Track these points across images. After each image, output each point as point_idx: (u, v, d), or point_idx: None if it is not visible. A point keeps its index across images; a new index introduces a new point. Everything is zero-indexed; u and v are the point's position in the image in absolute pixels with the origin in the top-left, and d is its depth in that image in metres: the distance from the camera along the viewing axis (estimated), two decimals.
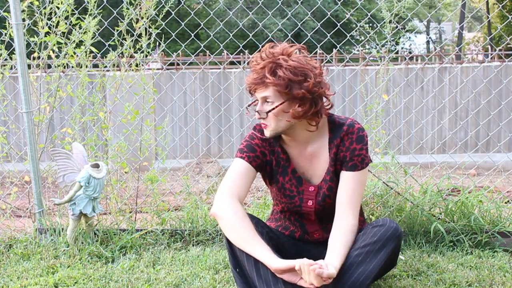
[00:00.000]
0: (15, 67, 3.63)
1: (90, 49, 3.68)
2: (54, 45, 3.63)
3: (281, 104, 2.28)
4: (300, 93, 2.24)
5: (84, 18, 3.64)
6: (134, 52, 3.71)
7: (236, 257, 2.28)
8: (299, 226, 2.54)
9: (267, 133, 2.37)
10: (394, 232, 2.24)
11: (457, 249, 3.10)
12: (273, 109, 2.29)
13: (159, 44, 3.79)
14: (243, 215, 2.26)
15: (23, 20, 3.41)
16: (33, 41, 3.62)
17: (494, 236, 3.14)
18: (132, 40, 3.66)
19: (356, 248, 2.23)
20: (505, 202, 3.64)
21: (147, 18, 3.62)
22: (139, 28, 3.62)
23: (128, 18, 3.62)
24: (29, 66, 3.62)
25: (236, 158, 2.43)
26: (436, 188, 3.42)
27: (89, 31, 3.61)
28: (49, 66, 3.90)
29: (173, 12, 3.73)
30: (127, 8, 3.59)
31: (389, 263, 2.34)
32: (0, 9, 3.64)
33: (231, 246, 2.29)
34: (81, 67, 3.73)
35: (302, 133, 2.38)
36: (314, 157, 2.44)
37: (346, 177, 2.37)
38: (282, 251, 2.31)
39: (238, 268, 2.30)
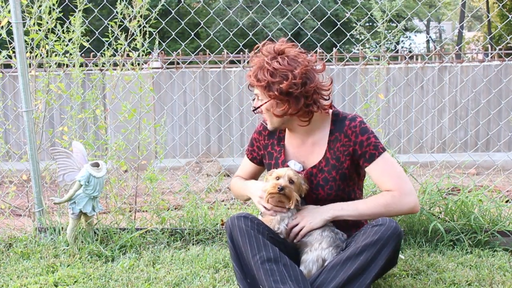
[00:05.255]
0: (14, 66, 3.63)
1: (89, 48, 3.68)
2: (40, 41, 3.63)
3: (265, 102, 2.43)
4: (276, 94, 2.36)
5: (84, 17, 3.64)
6: (130, 50, 3.71)
7: (238, 248, 2.32)
8: None
9: (268, 127, 2.54)
10: (394, 231, 2.25)
11: (457, 248, 3.10)
12: (259, 107, 2.47)
13: (159, 43, 3.79)
14: (240, 179, 2.73)
15: (23, 19, 3.40)
16: (26, 40, 3.61)
17: (494, 235, 3.14)
18: (126, 38, 3.66)
19: (357, 246, 2.24)
20: (505, 202, 3.64)
21: (141, 16, 3.62)
22: (133, 26, 3.62)
23: (121, 15, 3.61)
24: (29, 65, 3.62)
25: None
26: (436, 187, 3.42)
27: (75, 26, 3.61)
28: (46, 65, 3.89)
29: (173, 11, 3.72)
30: (120, 2, 3.59)
31: (389, 262, 2.34)
32: None
33: (232, 239, 2.34)
34: (74, 65, 3.73)
35: (298, 127, 2.50)
36: (315, 147, 2.52)
37: (372, 169, 2.43)
38: (283, 250, 2.33)
39: (239, 261, 2.34)
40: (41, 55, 3.73)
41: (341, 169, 2.45)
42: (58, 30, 3.63)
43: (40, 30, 3.61)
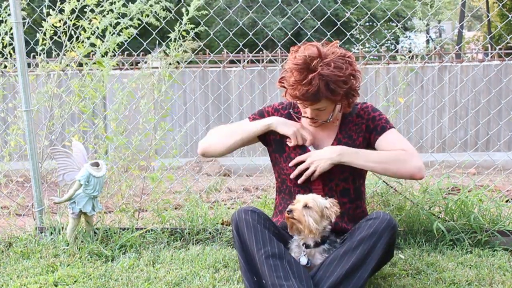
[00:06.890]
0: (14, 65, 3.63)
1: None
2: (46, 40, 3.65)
3: (335, 107, 2.46)
4: (348, 93, 2.41)
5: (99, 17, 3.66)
6: (130, 50, 3.71)
7: (244, 241, 2.31)
8: None
9: (307, 120, 2.54)
10: (389, 224, 2.28)
11: (457, 248, 3.10)
12: (332, 115, 2.47)
13: (159, 43, 3.79)
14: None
15: (23, 18, 3.40)
16: (34, 40, 3.62)
17: (494, 235, 3.14)
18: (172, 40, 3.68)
19: (353, 240, 2.26)
20: (505, 201, 3.64)
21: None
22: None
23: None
24: (28, 65, 3.62)
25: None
26: (436, 187, 3.42)
27: (91, 28, 3.62)
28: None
29: (172, 11, 3.72)
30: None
31: (386, 254, 2.36)
32: None
33: (238, 232, 2.33)
34: (81, 65, 3.73)
35: (337, 115, 2.56)
36: (330, 130, 2.57)
37: (382, 139, 2.50)
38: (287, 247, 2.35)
39: (244, 253, 2.33)
40: (40, 55, 3.73)
41: (353, 146, 2.50)
42: (60, 31, 3.63)
43: (41, 30, 3.62)
